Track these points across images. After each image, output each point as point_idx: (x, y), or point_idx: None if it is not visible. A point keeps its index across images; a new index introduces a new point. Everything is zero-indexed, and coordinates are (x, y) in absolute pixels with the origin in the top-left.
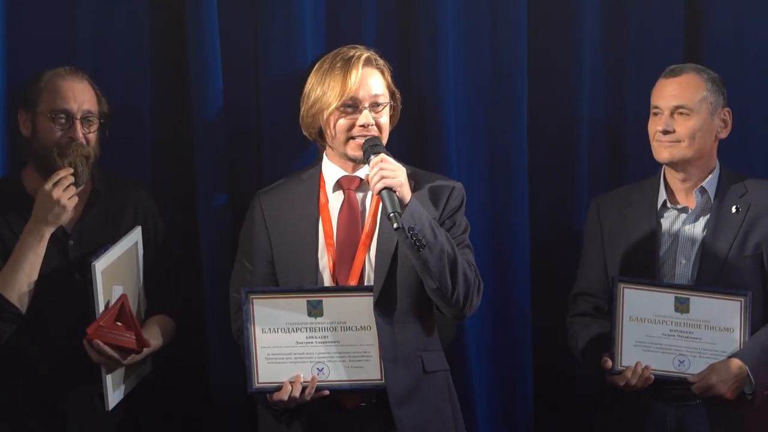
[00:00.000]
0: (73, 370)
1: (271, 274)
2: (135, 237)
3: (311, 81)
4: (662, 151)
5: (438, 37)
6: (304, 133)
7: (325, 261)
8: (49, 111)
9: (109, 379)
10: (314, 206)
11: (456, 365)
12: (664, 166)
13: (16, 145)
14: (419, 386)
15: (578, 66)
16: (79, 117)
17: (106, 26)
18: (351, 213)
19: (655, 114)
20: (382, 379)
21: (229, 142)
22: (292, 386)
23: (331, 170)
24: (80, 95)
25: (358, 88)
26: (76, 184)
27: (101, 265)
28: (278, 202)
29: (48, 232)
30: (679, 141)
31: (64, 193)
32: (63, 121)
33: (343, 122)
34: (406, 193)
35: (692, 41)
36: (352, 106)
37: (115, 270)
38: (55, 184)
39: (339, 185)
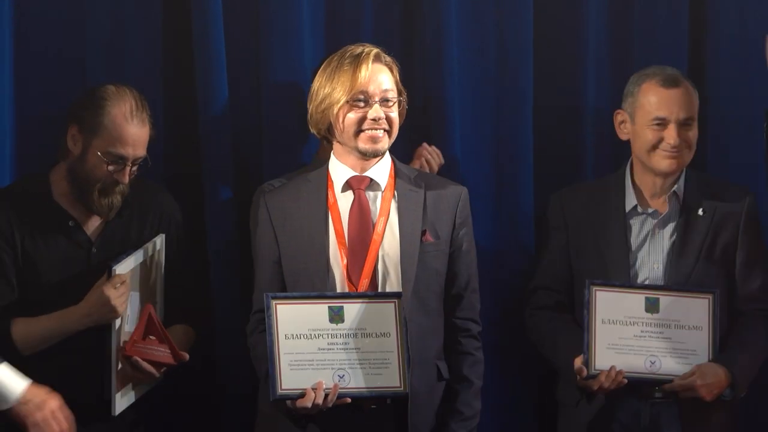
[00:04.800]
0: (86, 375)
1: (278, 274)
2: (158, 245)
3: (319, 79)
4: (664, 161)
5: (442, 37)
6: (313, 131)
7: (337, 261)
8: (104, 152)
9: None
10: (323, 206)
11: None
12: (628, 167)
13: (25, 154)
14: (435, 394)
15: (583, 66)
16: (130, 162)
17: (115, 27)
18: (362, 212)
19: (659, 125)
20: (400, 386)
21: (234, 142)
22: (315, 393)
23: (339, 170)
24: (138, 141)
25: (368, 83)
26: (108, 216)
27: (121, 269)
28: (284, 202)
29: (92, 324)
30: (684, 151)
31: (119, 298)
32: (115, 165)
33: (353, 116)
34: None
35: (696, 40)
36: (362, 100)
37: (135, 276)
38: (113, 286)
39: (348, 185)
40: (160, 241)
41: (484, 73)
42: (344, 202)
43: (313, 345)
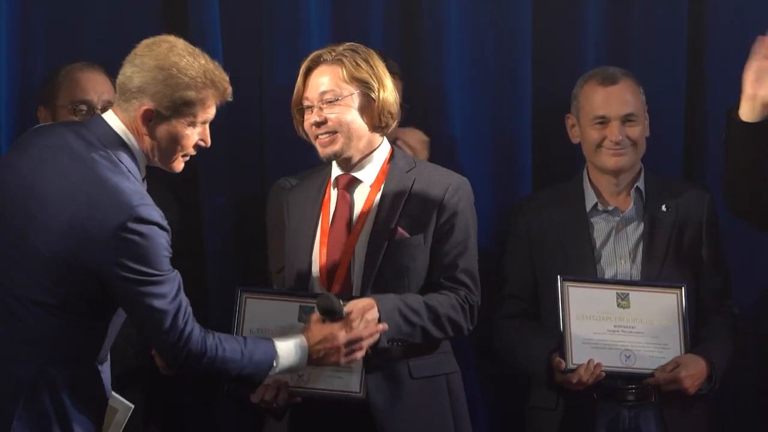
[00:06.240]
0: None
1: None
2: (119, 408)
3: None
4: (610, 159)
5: (442, 35)
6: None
7: (316, 260)
8: (69, 103)
9: None
10: (319, 203)
11: None
12: (585, 170)
13: None
14: (403, 394)
15: (583, 64)
16: (99, 108)
17: (113, 26)
18: (341, 212)
19: (601, 123)
20: (359, 392)
21: (232, 143)
22: (266, 389)
23: (334, 167)
24: (99, 86)
25: (307, 89)
26: None
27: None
28: (297, 197)
29: None
30: (628, 148)
31: None
32: (84, 112)
33: (305, 124)
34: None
35: (695, 39)
36: (307, 107)
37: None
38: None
39: (336, 183)
40: (123, 410)
41: (484, 71)
42: (334, 200)
43: None
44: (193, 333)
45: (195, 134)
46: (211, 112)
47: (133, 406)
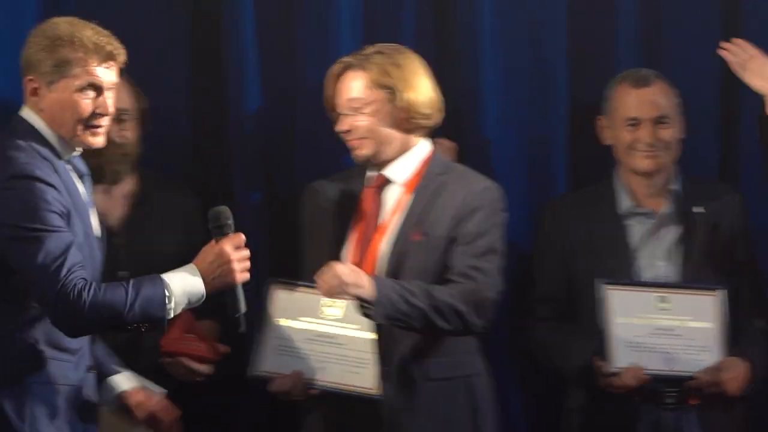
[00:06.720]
0: None
1: None
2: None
3: None
4: (642, 161)
5: (476, 36)
6: None
7: (345, 256)
8: None
9: None
10: (356, 203)
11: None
12: (617, 170)
13: None
14: (418, 394)
15: (617, 65)
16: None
17: (144, 29)
18: (372, 211)
19: (633, 125)
20: (373, 389)
21: (265, 143)
22: (283, 380)
23: (369, 167)
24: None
25: (336, 96)
26: (114, 181)
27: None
28: (339, 200)
29: None
30: (660, 150)
31: None
32: None
33: (338, 128)
34: (366, 288)
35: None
36: (338, 113)
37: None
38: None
39: (371, 182)
40: None
41: (518, 68)
42: (367, 200)
43: (301, 334)
44: (75, 287)
45: (86, 100)
46: (98, 74)
47: (165, 392)
